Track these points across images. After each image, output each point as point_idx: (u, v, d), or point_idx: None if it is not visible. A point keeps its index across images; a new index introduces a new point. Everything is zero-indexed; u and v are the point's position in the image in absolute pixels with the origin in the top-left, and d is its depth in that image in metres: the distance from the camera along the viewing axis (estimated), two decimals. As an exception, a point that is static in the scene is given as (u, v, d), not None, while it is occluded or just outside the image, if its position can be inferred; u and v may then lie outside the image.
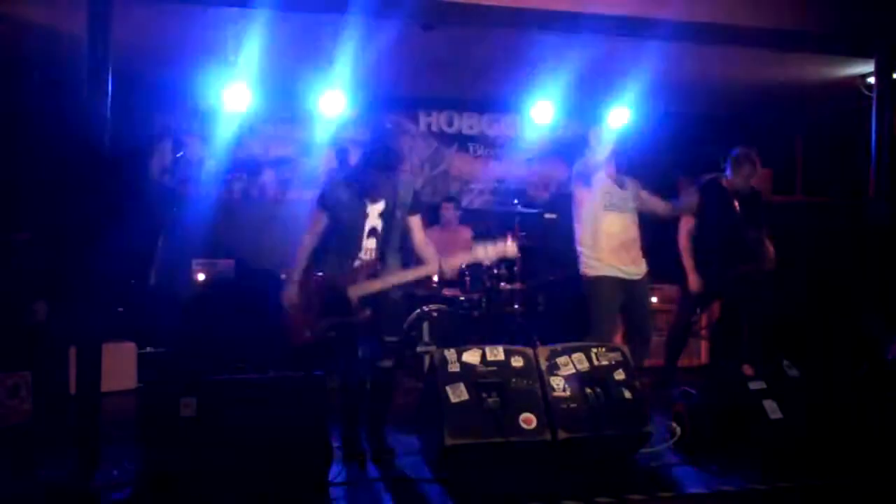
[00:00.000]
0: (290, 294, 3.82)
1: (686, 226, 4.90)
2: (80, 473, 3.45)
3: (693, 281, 4.83)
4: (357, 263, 3.84)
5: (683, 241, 4.88)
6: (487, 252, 3.85)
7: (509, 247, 3.87)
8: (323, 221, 3.87)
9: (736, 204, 4.74)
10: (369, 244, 3.87)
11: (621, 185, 4.55)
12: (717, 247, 4.80)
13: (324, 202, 3.88)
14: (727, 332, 5.10)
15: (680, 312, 5.17)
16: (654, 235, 4.86)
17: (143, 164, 6.43)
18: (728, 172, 4.90)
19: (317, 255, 3.92)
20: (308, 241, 3.89)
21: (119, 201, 4.64)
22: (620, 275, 4.50)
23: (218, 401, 3.34)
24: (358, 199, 3.85)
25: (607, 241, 4.50)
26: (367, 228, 3.87)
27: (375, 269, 3.83)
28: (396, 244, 3.91)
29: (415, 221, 3.95)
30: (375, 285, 3.80)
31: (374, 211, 3.87)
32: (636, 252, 4.58)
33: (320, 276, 3.86)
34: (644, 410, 3.70)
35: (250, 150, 6.71)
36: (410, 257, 4.06)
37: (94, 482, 3.38)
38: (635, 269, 4.56)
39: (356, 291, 3.78)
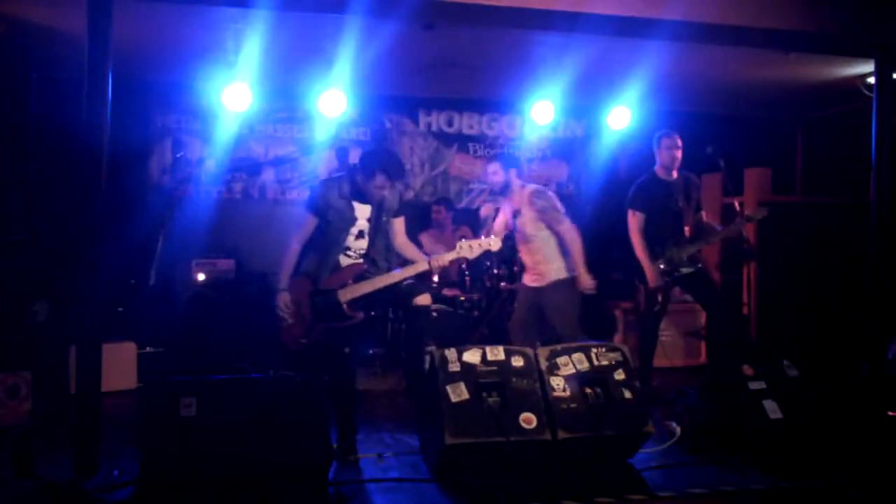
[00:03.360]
0: (282, 300, 3.88)
1: (635, 222, 4.95)
2: (80, 473, 3.45)
3: (651, 276, 4.89)
4: (345, 263, 3.91)
5: (635, 237, 4.94)
6: (472, 248, 3.98)
7: (493, 241, 4.03)
8: (313, 225, 3.92)
9: (678, 196, 4.96)
10: (359, 245, 3.93)
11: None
12: (664, 235, 4.92)
13: (313, 206, 3.93)
14: (727, 332, 5.09)
15: (644, 308, 5.17)
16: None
17: (142, 164, 6.43)
18: (656, 156, 5.05)
19: (301, 253, 3.96)
20: (296, 246, 3.94)
21: (119, 201, 4.65)
22: (528, 283, 4.88)
23: (218, 401, 3.34)
24: (347, 201, 3.91)
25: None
26: (355, 231, 3.93)
27: (363, 271, 3.89)
28: (383, 247, 3.98)
29: (397, 223, 4.05)
30: (364, 287, 3.86)
31: (363, 213, 3.93)
32: (539, 269, 4.77)
33: (307, 281, 3.89)
34: (644, 410, 3.69)
35: (250, 150, 6.71)
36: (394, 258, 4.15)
37: (94, 482, 3.38)
38: (539, 278, 4.78)
39: (346, 295, 3.85)
